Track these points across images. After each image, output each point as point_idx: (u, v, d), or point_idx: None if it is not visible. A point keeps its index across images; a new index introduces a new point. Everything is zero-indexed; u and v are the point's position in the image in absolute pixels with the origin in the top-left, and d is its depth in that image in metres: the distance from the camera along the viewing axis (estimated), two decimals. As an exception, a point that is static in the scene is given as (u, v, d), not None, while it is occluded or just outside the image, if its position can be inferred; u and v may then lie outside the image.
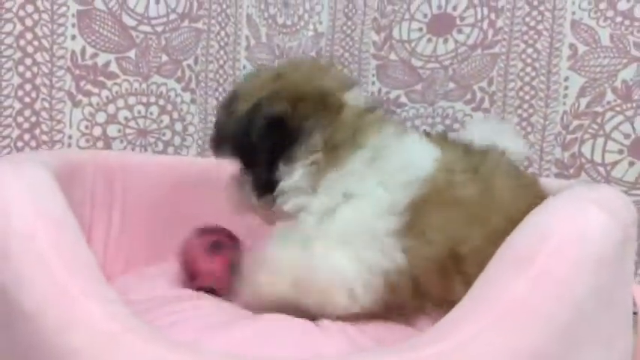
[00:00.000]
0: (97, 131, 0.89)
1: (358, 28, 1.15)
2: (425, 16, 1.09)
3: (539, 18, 1.01)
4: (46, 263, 0.46)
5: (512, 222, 0.57)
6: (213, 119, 1.03)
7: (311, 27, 1.18)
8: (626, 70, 0.96)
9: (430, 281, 0.61)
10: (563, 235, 0.52)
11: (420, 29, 1.09)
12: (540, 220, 0.55)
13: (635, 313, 0.66)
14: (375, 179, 0.64)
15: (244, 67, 1.09)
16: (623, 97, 0.96)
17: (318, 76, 0.70)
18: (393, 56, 1.12)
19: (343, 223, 0.62)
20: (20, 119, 0.82)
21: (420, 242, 0.61)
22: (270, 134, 0.65)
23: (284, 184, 0.64)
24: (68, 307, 0.44)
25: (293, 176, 0.64)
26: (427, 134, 0.74)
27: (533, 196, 0.67)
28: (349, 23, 1.16)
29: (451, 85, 1.08)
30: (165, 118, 0.97)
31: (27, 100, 0.83)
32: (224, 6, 1.03)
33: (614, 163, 0.98)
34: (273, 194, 0.65)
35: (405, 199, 0.62)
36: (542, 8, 1.01)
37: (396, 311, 0.63)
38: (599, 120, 0.98)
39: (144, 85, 0.94)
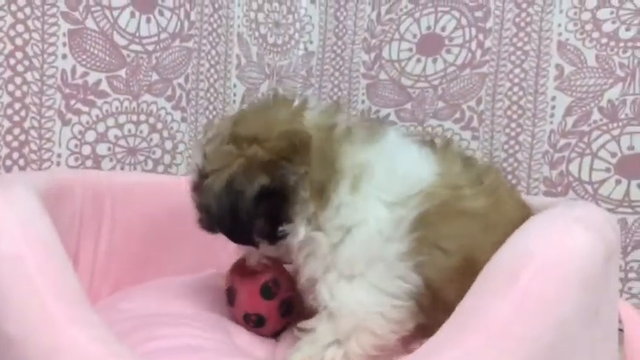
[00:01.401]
0: (87, 150, 0.89)
1: (348, 48, 1.16)
2: (414, 36, 1.10)
3: (526, 39, 1.02)
4: (33, 287, 0.46)
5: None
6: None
7: (301, 46, 1.19)
8: (611, 89, 0.97)
9: (448, 289, 0.60)
10: (548, 254, 0.51)
11: (410, 49, 1.11)
12: (524, 239, 0.55)
13: (620, 330, 0.66)
14: (371, 199, 0.61)
15: (235, 85, 1.10)
16: (609, 117, 0.97)
17: (273, 119, 0.65)
18: (382, 75, 1.13)
19: (350, 255, 0.60)
20: (9, 138, 0.82)
21: (435, 255, 0.60)
22: (260, 208, 0.61)
23: (291, 241, 0.63)
24: (54, 332, 0.44)
25: (298, 236, 0.62)
26: (432, 142, 0.71)
27: (528, 211, 0.67)
28: (339, 43, 1.17)
29: (440, 104, 1.09)
30: (156, 137, 0.97)
31: (16, 118, 0.82)
32: (215, 25, 1.04)
33: (602, 182, 0.98)
34: (282, 239, 0.63)
35: (410, 214, 0.60)
36: (529, 29, 1.02)
37: (427, 329, 0.60)
38: (585, 139, 0.99)
39: (134, 104, 0.94)
